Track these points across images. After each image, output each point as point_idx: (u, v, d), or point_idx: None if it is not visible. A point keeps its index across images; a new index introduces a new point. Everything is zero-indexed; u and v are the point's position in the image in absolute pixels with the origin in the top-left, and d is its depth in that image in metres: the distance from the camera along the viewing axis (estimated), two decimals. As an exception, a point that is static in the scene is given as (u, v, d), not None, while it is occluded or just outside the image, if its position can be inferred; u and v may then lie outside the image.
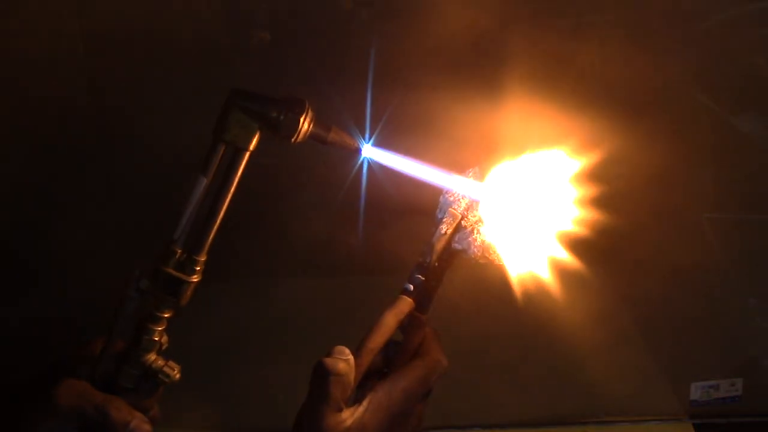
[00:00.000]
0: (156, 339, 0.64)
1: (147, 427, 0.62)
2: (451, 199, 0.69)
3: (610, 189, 1.25)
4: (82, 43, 1.24)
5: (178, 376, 0.65)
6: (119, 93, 1.27)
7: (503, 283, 1.14)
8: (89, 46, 1.25)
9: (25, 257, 1.20)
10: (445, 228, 0.69)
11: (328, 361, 0.64)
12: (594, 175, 1.17)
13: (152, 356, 0.64)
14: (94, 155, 1.31)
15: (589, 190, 1.26)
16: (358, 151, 0.66)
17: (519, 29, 1.19)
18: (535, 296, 1.21)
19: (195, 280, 0.63)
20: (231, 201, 0.63)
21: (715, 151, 1.33)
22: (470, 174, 0.69)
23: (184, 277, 0.62)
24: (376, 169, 0.69)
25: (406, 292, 0.69)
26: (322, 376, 0.63)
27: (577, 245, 1.45)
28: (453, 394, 1.17)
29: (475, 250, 0.69)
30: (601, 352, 1.30)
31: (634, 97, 1.29)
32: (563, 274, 1.44)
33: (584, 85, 1.20)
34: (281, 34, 1.23)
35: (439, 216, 0.69)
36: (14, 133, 1.18)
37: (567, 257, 0.70)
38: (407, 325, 0.70)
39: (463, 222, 0.69)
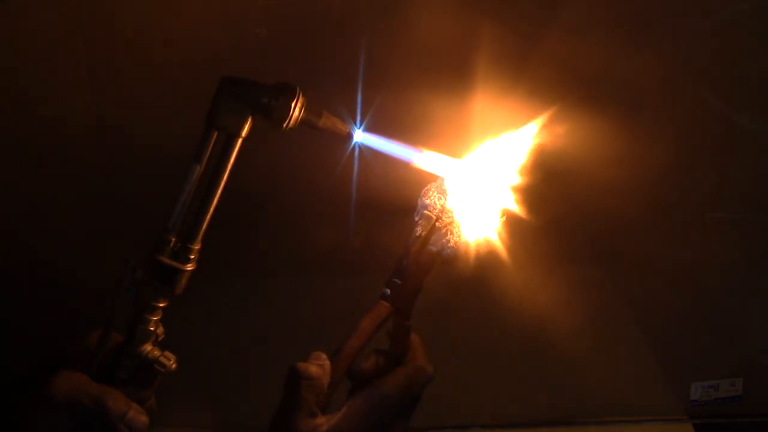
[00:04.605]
0: (152, 329, 0.64)
1: (143, 418, 0.62)
2: (427, 201, 0.69)
3: (611, 188, 1.26)
4: (81, 41, 1.24)
5: (174, 366, 0.65)
6: (118, 91, 1.27)
7: (503, 284, 1.15)
8: (89, 45, 1.25)
9: (24, 254, 1.20)
10: (420, 230, 0.68)
11: (301, 365, 0.64)
12: (594, 175, 1.18)
13: (148, 347, 0.64)
14: (93, 152, 1.31)
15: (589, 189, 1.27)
16: (349, 136, 0.66)
17: (516, 27, 1.19)
18: (535, 296, 1.22)
19: (189, 268, 0.63)
20: (225, 190, 0.63)
21: (717, 149, 1.33)
22: (434, 187, 0.69)
23: (178, 265, 0.62)
24: (374, 166, 0.69)
25: (384, 296, 0.69)
26: (294, 380, 0.63)
27: (577, 245, 1.46)
28: (453, 394, 1.17)
29: (450, 251, 0.68)
30: (601, 352, 1.30)
31: (635, 96, 1.29)
32: (562, 272, 1.44)
33: (583, 83, 1.20)
34: (278, 30, 1.24)
35: (417, 219, 0.69)
36: (13, 132, 1.19)
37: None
38: (392, 333, 0.70)
39: (437, 224, 0.68)
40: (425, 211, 0.68)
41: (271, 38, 1.24)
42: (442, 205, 0.68)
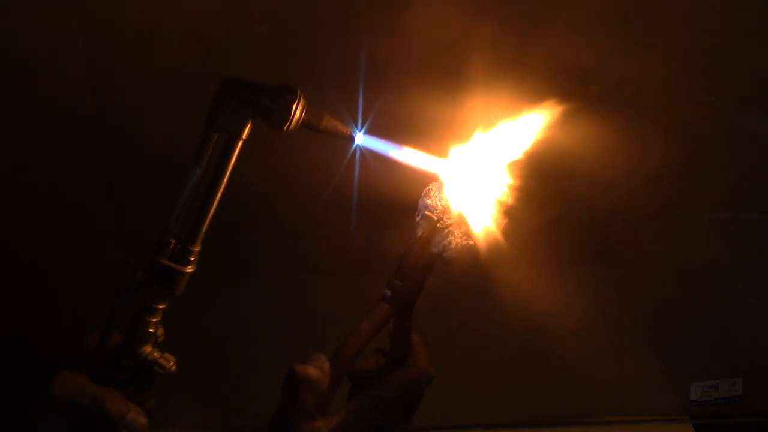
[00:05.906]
0: (151, 330, 0.64)
1: (143, 419, 0.62)
2: (429, 202, 0.68)
3: (611, 188, 1.26)
4: (81, 41, 1.24)
5: (174, 367, 0.64)
6: (118, 91, 1.27)
7: (503, 284, 1.15)
8: (89, 44, 1.25)
9: (25, 255, 1.20)
10: (421, 231, 0.67)
11: (300, 367, 0.63)
12: (594, 175, 1.18)
13: (148, 348, 0.64)
14: (93, 153, 1.31)
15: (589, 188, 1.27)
16: (351, 138, 0.66)
17: (515, 26, 1.19)
18: (535, 296, 1.22)
19: (189, 270, 0.63)
20: (226, 192, 0.62)
21: (717, 150, 1.33)
22: (436, 187, 0.68)
23: (178, 267, 0.62)
24: (376, 168, 0.68)
25: (384, 298, 0.68)
26: (293, 382, 0.63)
27: (577, 244, 1.46)
28: (453, 394, 1.17)
29: (451, 252, 0.67)
30: (601, 352, 1.30)
31: (635, 95, 1.29)
32: (562, 273, 1.44)
33: (584, 83, 1.20)
34: (280, 30, 1.24)
35: (418, 220, 0.68)
36: (14, 133, 1.19)
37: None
38: (394, 335, 0.69)
39: (438, 225, 0.67)
40: (426, 212, 0.67)
41: (272, 39, 1.24)
42: (443, 206, 0.67)
